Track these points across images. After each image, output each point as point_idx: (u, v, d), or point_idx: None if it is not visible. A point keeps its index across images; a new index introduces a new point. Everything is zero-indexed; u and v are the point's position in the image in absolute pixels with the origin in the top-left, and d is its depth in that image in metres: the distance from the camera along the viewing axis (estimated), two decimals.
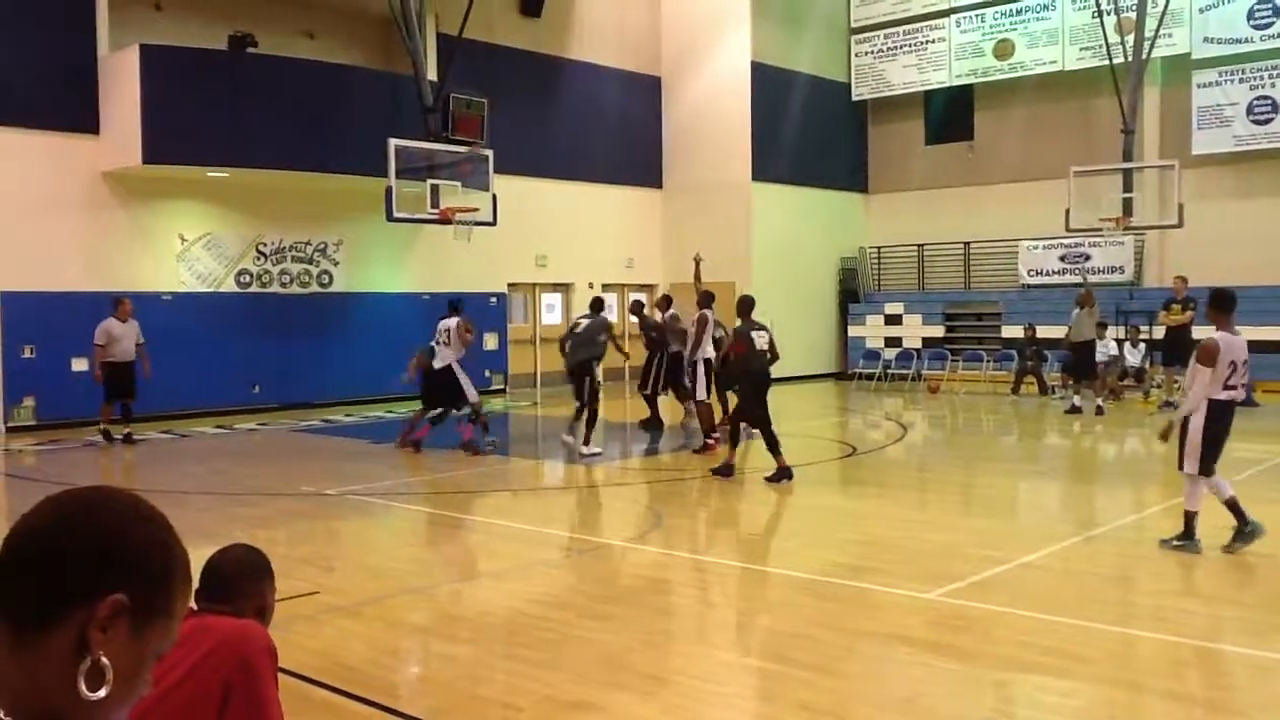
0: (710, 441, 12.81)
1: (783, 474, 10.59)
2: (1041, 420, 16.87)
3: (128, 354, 14.04)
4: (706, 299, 13.45)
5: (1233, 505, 7.48)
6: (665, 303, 15.36)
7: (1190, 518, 7.52)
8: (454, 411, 13.36)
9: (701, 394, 13.28)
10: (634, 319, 16.18)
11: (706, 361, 13.28)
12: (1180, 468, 7.58)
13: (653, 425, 15.13)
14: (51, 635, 1.17)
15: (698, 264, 14.32)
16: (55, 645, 1.17)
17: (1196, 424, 7.46)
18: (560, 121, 22.02)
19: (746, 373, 10.94)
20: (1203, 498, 7.53)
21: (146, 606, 1.21)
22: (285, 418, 17.15)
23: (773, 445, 10.68)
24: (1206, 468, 7.48)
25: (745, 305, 11.34)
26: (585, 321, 13.27)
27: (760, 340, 10.93)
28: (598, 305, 13.61)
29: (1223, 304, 7.86)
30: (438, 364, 13.13)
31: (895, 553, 7.94)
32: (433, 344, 13.30)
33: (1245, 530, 7.44)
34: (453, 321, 13.21)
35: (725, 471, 10.96)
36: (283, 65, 17.05)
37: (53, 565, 1.18)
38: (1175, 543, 7.57)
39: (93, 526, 1.21)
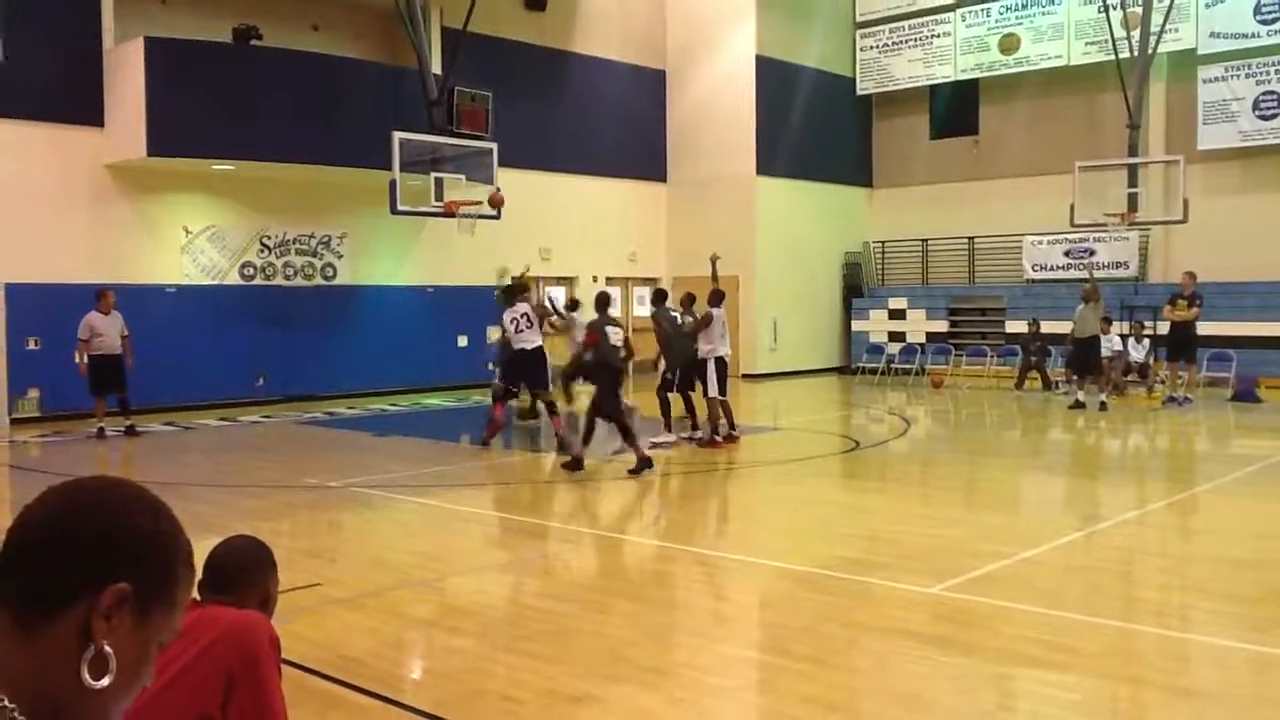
0: (718, 439, 12.81)
1: (643, 464, 10.77)
2: (1045, 415, 16.85)
3: (113, 347, 14.02)
4: (716, 298, 13.29)
5: None
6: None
7: None
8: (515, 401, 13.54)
9: (714, 390, 12.93)
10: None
11: (719, 359, 13.00)
12: None
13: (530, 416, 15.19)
14: (55, 624, 1.17)
15: (714, 263, 14.21)
16: (59, 634, 1.17)
17: None
18: (564, 115, 22.00)
19: (603, 365, 11.09)
20: None
21: (150, 596, 1.21)
22: (289, 410, 17.17)
23: (628, 437, 10.93)
24: None
25: (601, 301, 11.63)
26: (678, 316, 13.24)
27: (615, 336, 11.17)
28: (664, 296, 13.65)
29: None
30: (528, 345, 12.76)
31: (898, 547, 7.94)
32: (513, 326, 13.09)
33: None
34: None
35: (575, 465, 10.90)
36: (287, 58, 17.04)
37: (56, 554, 1.19)
38: None
39: (96, 516, 1.21)
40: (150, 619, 1.22)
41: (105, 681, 1.17)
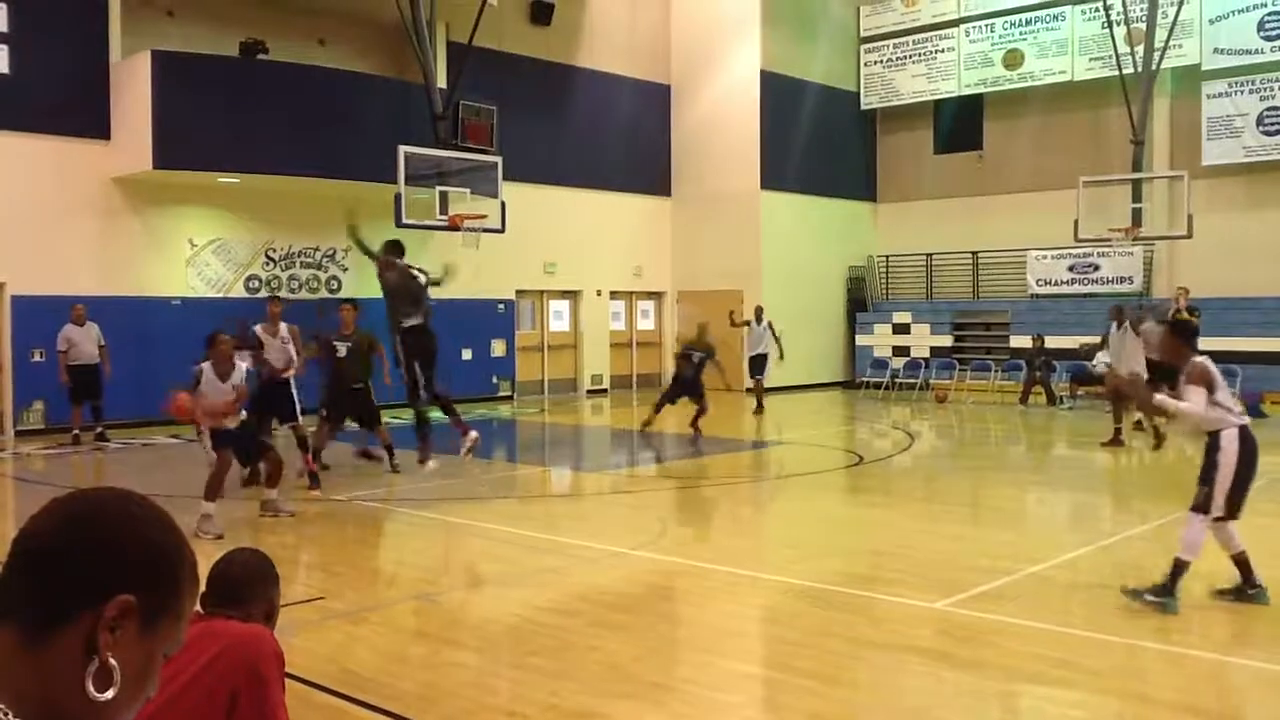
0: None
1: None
2: (1050, 430, 16.82)
3: (90, 357, 14.49)
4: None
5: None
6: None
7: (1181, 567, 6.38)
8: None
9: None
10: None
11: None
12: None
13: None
14: (60, 636, 1.17)
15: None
16: (63, 646, 1.17)
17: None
18: (569, 129, 22.05)
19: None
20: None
21: (154, 607, 1.21)
22: None
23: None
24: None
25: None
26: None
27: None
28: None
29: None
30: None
31: (903, 562, 7.91)
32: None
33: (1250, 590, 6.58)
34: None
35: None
36: (293, 72, 17.10)
37: (60, 566, 1.18)
38: (1149, 597, 6.34)
39: (100, 527, 1.21)
40: (155, 631, 1.22)
41: (110, 694, 1.17)
